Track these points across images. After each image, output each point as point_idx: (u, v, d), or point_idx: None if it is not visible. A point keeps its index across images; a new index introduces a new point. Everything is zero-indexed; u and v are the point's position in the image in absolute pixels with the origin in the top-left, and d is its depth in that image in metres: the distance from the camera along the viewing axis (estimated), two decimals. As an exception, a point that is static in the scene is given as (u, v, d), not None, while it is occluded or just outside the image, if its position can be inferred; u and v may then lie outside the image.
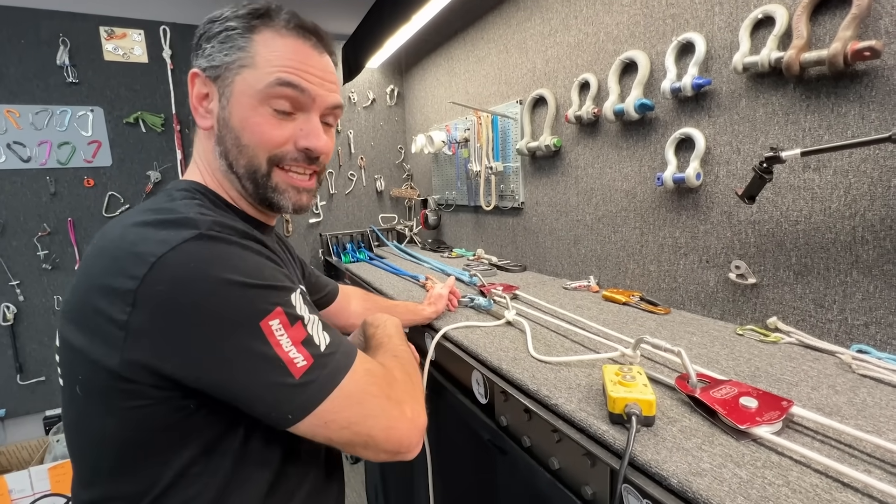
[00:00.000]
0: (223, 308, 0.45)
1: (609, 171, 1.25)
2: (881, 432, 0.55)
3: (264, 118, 0.56)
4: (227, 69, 0.56)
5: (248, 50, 0.56)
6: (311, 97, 0.58)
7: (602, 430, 0.59)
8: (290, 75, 0.56)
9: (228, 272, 0.46)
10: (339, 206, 2.53)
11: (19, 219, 1.99)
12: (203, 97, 0.58)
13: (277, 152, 0.58)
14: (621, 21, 1.16)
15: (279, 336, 0.47)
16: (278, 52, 0.57)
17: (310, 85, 0.58)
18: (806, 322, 0.86)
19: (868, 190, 0.75)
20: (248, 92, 0.56)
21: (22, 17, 1.92)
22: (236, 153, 0.57)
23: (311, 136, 0.59)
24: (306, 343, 0.48)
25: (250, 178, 0.58)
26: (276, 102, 0.56)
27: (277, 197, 0.60)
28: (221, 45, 0.57)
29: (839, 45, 0.73)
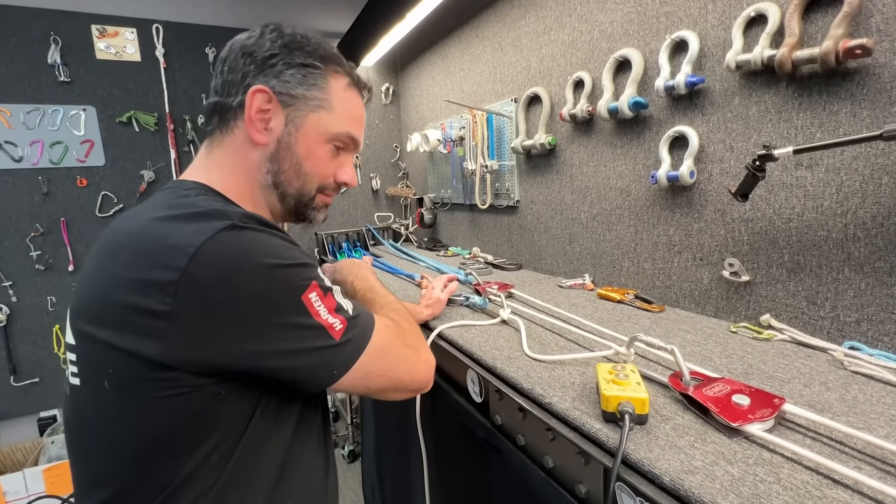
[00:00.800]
0: (268, 290, 0.50)
1: (603, 170, 1.25)
2: (872, 429, 0.55)
3: (326, 154, 0.66)
4: (305, 103, 0.63)
5: (327, 92, 0.64)
6: (358, 145, 0.71)
7: (595, 429, 0.59)
8: (356, 131, 0.68)
9: (266, 257, 0.51)
10: (334, 205, 2.52)
11: (11, 219, 1.97)
12: (262, 112, 0.62)
13: (324, 183, 0.69)
14: (615, 19, 1.16)
15: (318, 307, 0.53)
16: (350, 106, 0.67)
17: (361, 139, 0.70)
18: (798, 319, 0.87)
19: (860, 187, 0.76)
20: (319, 130, 0.65)
21: (12, 16, 1.90)
22: (292, 176, 0.65)
23: (349, 174, 0.71)
24: (339, 310, 0.56)
25: (297, 197, 0.67)
26: (337, 144, 0.67)
27: (314, 213, 0.70)
28: (303, 79, 0.63)
29: (831, 43, 0.73)
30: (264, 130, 0.63)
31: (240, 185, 0.64)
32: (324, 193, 0.70)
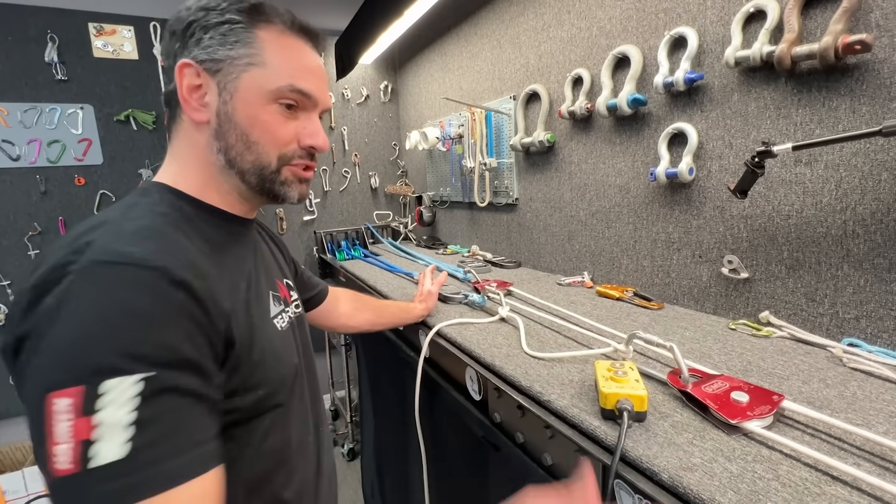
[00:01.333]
0: (46, 355, 0.40)
1: (602, 167, 1.25)
2: (871, 425, 0.55)
3: (273, 116, 0.57)
4: (232, 64, 0.55)
5: (254, 46, 0.55)
6: (315, 102, 0.60)
7: (594, 426, 0.59)
8: (303, 83, 0.57)
9: (74, 318, 0.40)
10: (333, 204, 2.52)
11: (9, 218, 1.97)
12: (195, 89, 0.56)
13: (285, 151, 0.59)
14: (614, 15, 1.16)
15: (58, 419, 0.37)
16: (288, 55, 0.57)
17: (316, 90, 0.59)
18: (797, 316, 0.86)
19: (859, 184, 0.76)
20: (256, 91, 0.55)
21: (9, 14, 1.89)
22: (242, 149, 0.57)
23: (314, 135, 0.60)
24: (84, 448, 0.37)
25: (257, 173, 0.58)
26: (283, 101, 0.57)
27: (285, 189, 0.60)
28: (223, 38, 0.55)
29: (830, 38, 0.73)
30: (201, 107, 0.56)
31: (196, 176, 0.58)
32: (291, 165, 0.60)
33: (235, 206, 0.61)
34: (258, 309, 0.58)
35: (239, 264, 0.58)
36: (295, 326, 0.67)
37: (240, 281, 0.56)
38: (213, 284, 0.48)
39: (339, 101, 2.45)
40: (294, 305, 0.70)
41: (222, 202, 0.60)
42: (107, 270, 0.42)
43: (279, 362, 0.58)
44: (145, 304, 0.42)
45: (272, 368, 0.56)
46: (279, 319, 0.62)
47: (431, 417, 1.07)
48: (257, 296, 0.59)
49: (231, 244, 0.59)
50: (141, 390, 0.39)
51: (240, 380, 0.51)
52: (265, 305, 0.61)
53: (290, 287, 0.72)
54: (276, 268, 0.72)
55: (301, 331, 0.69)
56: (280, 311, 0.64)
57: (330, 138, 2.45)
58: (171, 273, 0.43)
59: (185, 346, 0.43)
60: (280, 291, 0.67)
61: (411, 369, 1.06)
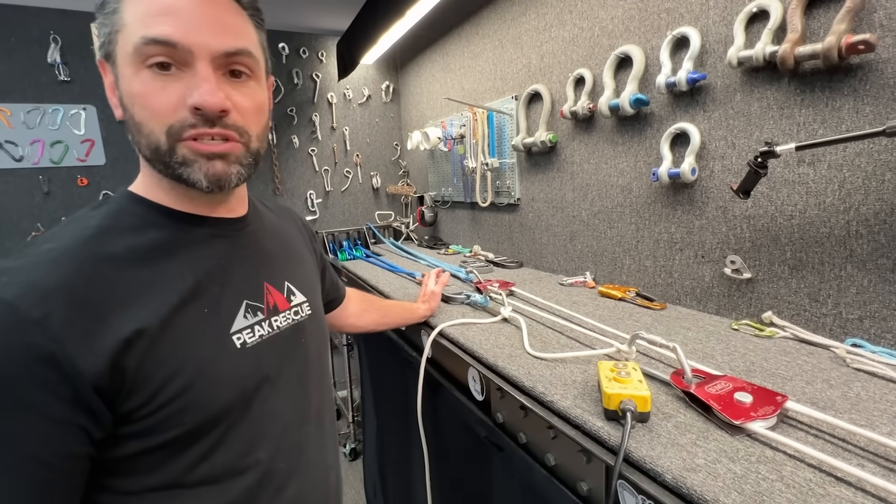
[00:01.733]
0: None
1: (605, 167, 1.25)
2: (875, 426, 0.55)
3: (146, 86, 0.46)
4: (110, 42, 0.48)
5: (119, 11, 0.47)
6: (188, 48, 0.46)
7: (597, 427, 0.59)
8: (156, 28, 0.45)
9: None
10: (335, 204, 2.52)
11: (12, 218, 1.97)
12: (113, 87, 0.50)
13: (172, 122, 0.47)
14: (616, 15, 1.16)
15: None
16: (142, 3, 0.46)
17: (183, 33, 0.46)
18: (800, 316, 0.86)
19: (862, 184, 0.75)
20: (125, 61, 0.47)
21: (11, 15, 1.90)
22: (136, 134, 0.49)
23: (195, 92, 0.47)
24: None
25: (157, 158, 0.49)
26: (150, 62, 0.46)
27: (187, 171, 0.49)
28: (105, 17, 0.48)
29: (833, 38, 0.73)
30: (117, 105, 0.51)
31: (143, 176, 0.54)
32: (185, 139, 0.48)
33: (186, 204, 0.54)
34: (205, 323, 0.51)
35: (181, 275, 0.51)
36: (283, 336, 0.60)
37: (173, 295, 0.49)
38: (113, 310, 0.44)
39: (340, 101, 2.45)
40: (292, 311, 0.63)
41: (172, 200, 0.54)
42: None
43: (222, 384, 0.50)
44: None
45: (207, 391, 0.49)
46: (246, 333, 0.55)
47: (434, 418, 1.07)
48: (212, 309, 0.52)
49: (180, 251, 0.52)
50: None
51: (152, 410, 0.45)
52: (221, 319, 0.53)
53: (291, 291, 0.65)
54: (278, 269, 0.64)
55: (293, 340, 0.62)
56: (252, 323, 0.56)
57: (331, 139, 2.46)
58: (29, 312, 0.40)
59: (18, 397, 0.39)
60: (265, 299, 0.59)
61: (413, 369, 1.06)
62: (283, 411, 0.58)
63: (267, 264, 0.63)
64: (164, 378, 0.46)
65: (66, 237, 0.47)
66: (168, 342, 0.47)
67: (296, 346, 0.63)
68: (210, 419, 0.49)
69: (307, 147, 2.40)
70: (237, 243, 0.59)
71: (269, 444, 0.56)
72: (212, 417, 0.50)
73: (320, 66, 2.39)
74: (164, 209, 0.53)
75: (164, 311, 0.47)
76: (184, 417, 0.47)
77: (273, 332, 0.58)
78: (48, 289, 0.42)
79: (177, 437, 0.47)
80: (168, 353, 0.47)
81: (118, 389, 0.43)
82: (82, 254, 0.46)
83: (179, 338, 0.48)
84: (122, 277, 0.46)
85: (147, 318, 0.46)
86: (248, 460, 0.53)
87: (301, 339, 0.64)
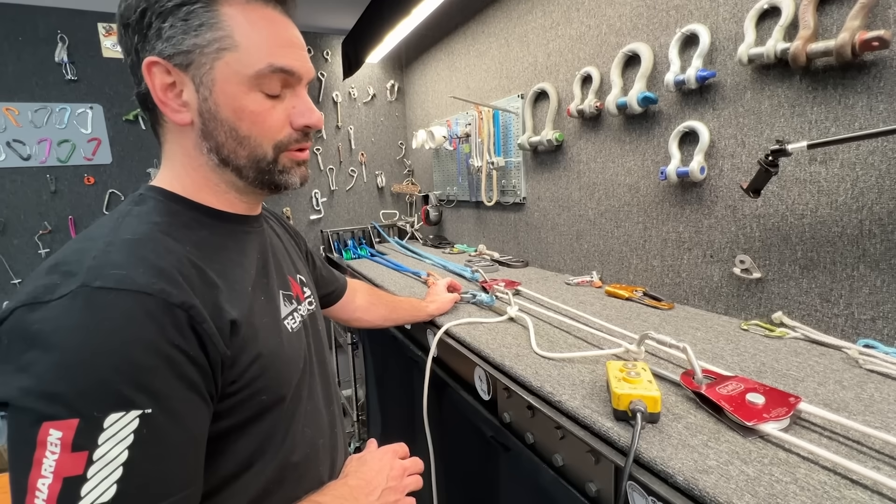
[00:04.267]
0: (32, 384, 0.37)
1: (612, 166, 1.24)
2: (889, 428, 0.54)
3: (259, 104, 0.51)
4: (202, 54, 0.49)
5: (221, 28, 0.49)
6: (300, 77, 0.54)
7: (606, 427, 0.58)
8: (283, 59, 0.51)
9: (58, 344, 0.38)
10: (340, 203, 2.52)
11: (20, 217, 1.98)
12: (169, 88, 0.51)
13: (281, 138, 0.54)
14: (624, 13, 1.15)
15: (48, 454, 0.36)
16: (259, 30, 0.50)
17: (297, 63, 0.53)
18: (812, 317, 0.85)
19: (876, 182, 0.74)
20: (235, 79, 0.50)
21: (20, 15, 1.91)
22: (234, 146, 0.52)
23: (306, 113, 0.55)
24: (69, 486, 0.35)
25: (254, 167, 0.54)
26: (267, 86, 0.51)
27: (286, 178, 0.56)
28: (185, 24, 0.48)
29: (847, 35, 0.72)
30: (181, 108, 0.51)
31: (189, 178, 0.55)
32: (287, 151, 0.55)
33: (235, 205, 0.58)
34: (267, 312, 0.56)
35: (243, 267, 0.55)
36: (307, 325, 0.65)
37: (245, 285, 0.54)
38: (214, 298, 0.47)
39: (345, 100, 2.45)
40: (307, 303, 0.68)
41: (220, 202, 0.56)
42: (101, 297, 0.39)
43: (287, 366, 0.56)
44: (144, 333, 0.40)
45: (279, 373, 0.54)
46: (290, 320, 0.60)
47: (439, 417, 1.07)
48: (267, 298, 0.57)
49: (233, 246, 0.56)
50: (136, 427, 0.38)
51: (241, 388, 0.49)
52: (275, 307, 0.58)
53: (303, 283, 0.70)
54: (290, 263, 0.69)
55: (314, 328, 0.68)
56: (292, 310, 0.61)
57: (336, 138, 2.46)
58: (170, 297, 0.42)
59: (183, 377, 0.42)
60: (292, 289, 0.65)
61: (419, 368, 1.06)
62: (318, 392, 0.64)
63: (283, 259, 0.68)
64: (248, 361, 0.49)
65: (139, 228, 0.47)
66: (250, 328, 0.50)
67: (316, 333, 0.68)
68: (279, 399, 0.54)
69: (312, 146, 2.40)
70: (263, 239, 0.63)
71: (312, 422, 0.61)
72: (280, 397, 0.54)
73: (325, 64, 2.39)
74: (207, 209, 0.56)
75: (245, 299, 0.52)
76: (260, 397, 0.51)
77: (302, 319, 0.63)
78: (171, 274, 0.44)
79: (249, 417, 0.51)
80: (250, 338, 0.50)
81: (223, 368, 0.47)
82: (170, 243, 0.47)
83: (256, 324, 0.52)
84: (206, 266, 0.49)
85: (236, 305, 0.49)
86: (299, 438, 0.57)
87: (317, 326, 0.70)
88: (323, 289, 0.90)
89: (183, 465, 0.42)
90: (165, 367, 0.41)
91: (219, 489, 0.49)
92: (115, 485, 0.36)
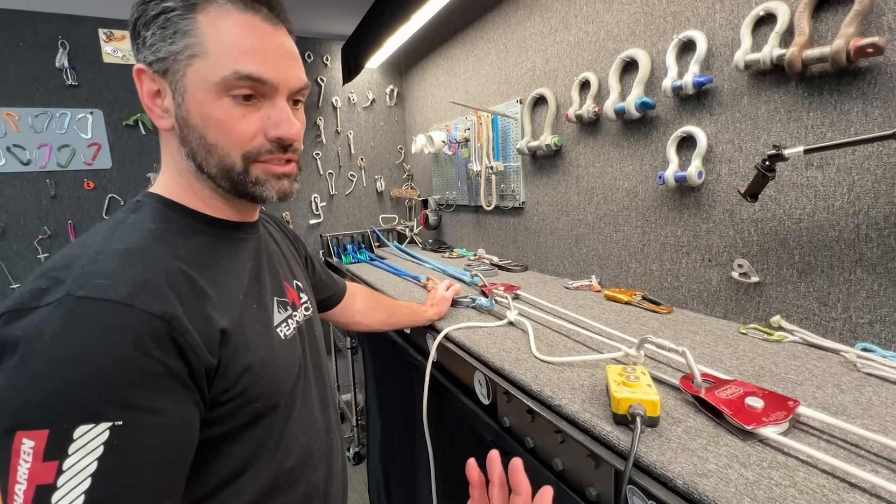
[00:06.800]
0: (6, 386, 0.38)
1: (610, 170, 1.25)
2: (888, 431, 0.55)
3: (227, 112, 0.50)
4: (176, 60, 0.49)
5: (194, 34, 0.49)
6: (274, 86, 0.51)
7: (606, 431, 0.58)
8: (249, 66, 0.49)
9: (44, 352, 0.38)
10: (339, 207, 2.52)
11: (20, 222, 1.98)
12: (155, 94, 0.52)
13: (250, 148, 0.52)
14: (622, 19, 1.16)
15: (21, 461, 0.36)
16: (230, 35, 0.49)
17: (271, 71, 0.51)
18: (810, 320, 0.86)
19: (872, 187, 0.75)
20: (202, 86, 0.49)
21: (20, 20, 1.92)
22: (204, 153, 0.52)
23: (281, 124, 0.52)
24: (41, 493, 0.36)
25: (225, 176, 0.53)
26: (235, 92, 0.50)
27: (259, 189, 0.54)
28: (163, 32, 0.49)
29: (842, 41, 0.72)
30: (164, 114, 0.52)
31: (179, 184, 0.55)
32: (260, 162, 0.53)
33: (225, 211, 0.58)
34: (259, 320, 0.55)
35: (236, 275, 0.55)
36: (303, 331, 0.65)
37: (237, 293, 0.53)
38: (202, 308, 0.47)
39: (345, 105, 2.46)
40: (304, 308, 0.68)
41: (209, 209, 0.56)
42: (82, 307, 0.39)
43: (280, 374, 0.55)
44: (120, 345, 0.39)
45: (271, 381, 0.53)
46: (284, 327, 0.60)
47: (439, 422, 1.07)
48: (259, 306, 0.57)
49: (227, 253, 0.56)
50: (106, 439, 0.38)
51: (234, 396, 0.49)
52: (267, 315, 0.58)
53: (300, 289, 0.70)
54: (286, 269, 0.69)
55: (310, 334, 0.68)
56: (286, 317, 0.61)
57: (336, 142, 2.47)
58: (149, 308, 0.41)
59: (159, 388, 0.41)
60: (288, 295, 0.65)
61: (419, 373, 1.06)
62: (313, 397, 0.64)
63: (279, 264, 0.68)
64: (240, 370, 0.49)
65: (131, 237, 0.48)
66: (241, 337, 0.51)
67: (312, 338, 0.68)
68: (272, 406, 0.54)
69: (311, 151, 2.41)
70: (258, 245, 0.63)
71: (307, 427, 0.61)
72: (274, 404, 0.54)
73: (325, 70, 2.40)
74: (201, 215, 0.56)
75: (236, 307, 0.52)
76: (253, 405, 0.51)
77: (297, 326, 0.64)
78: (155, 284, 0.44)
79: (242, 424, 0.51)
80: (241, 347, 0.50)
81: (212, 376, 0.47)
82: (160, 252, 0.47)
83: (247, 333, 0.52)
84: (198, 275, 0.49)
85: (226, 314, 0.50)
86: (293, 443, 0.57)
87: (314, 331, 0.70)
88: (322, 293, 0.90)
89: (157, 475, 0.41)
90: (140, 379, 0.40)
91: (213, 494, 0.49)
92: (83, 495, 0.37)
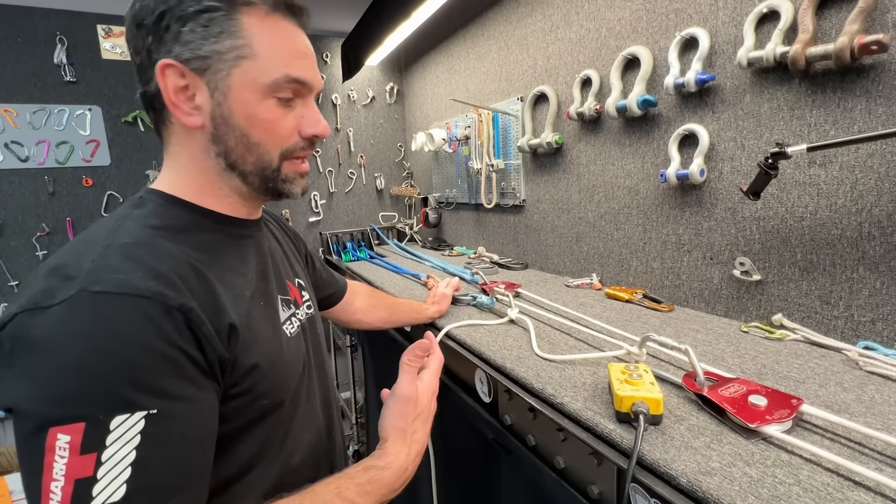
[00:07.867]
0: (33, 389, 0.38)
1: (611, 168, 1.24)
2: (891, 429, 0.55)
3: (272, 112, 0.53)
4: (221, 60, 0.50)
5: (240, 36, 0.50)
6: (311, 87, 0.55)
7: (609, 429, 0.58)
8: (297, 70, 0.53)
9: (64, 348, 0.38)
10: (339, 205, 2.52)
11: (18, 219, 1.97)
12: (181, 91, 0.51)
13: (288, 146, 0.55)
14: (623, 16, 1.15)
15: (57, 458, 0.36)
16: (277, 41, 0.52)
17: (312, 75, 0.55)
18: (812, 319, 0.86)
19: (875, 185, 0.75)
20: (251, 87, 0.51)
21: (19, 16, 1.91)
22: (243, 151, 0.53)
23: (315, 123, 0.56)
24: (81, 487, 0.36)
25: (259, 174, 0.55)
26: (281, 94, 0.53)
27: (288, 187, 0.57)
28: (206, 30, 0.49)
29: (846, 39, 0.72)
30: (193, 111, 0.51)
31: (193, 181, 0.55)
32: (292, 158, 0.56)
33: (237, 209, 0.58)
34: (266, 317, 0.56)
35: (242, 272, 0.56)
36: (306, 329, 0.65)
37: (244, 290, 0.54)
38: (213, 302, 0.47)
39: (344, 102, 2.46)
40: (306, 307, 0.68)
41: (222, 206, 0.57)
42: (100, 301, 0.40)
43: (286, 371, 0.56)
44: (144, 336, 0.40)
45: (278, 378, 0.54)
46: (288, 325, 0.60)
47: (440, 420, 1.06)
48: (266, 303, 0.57)
49: (233, 250, 0.56)
50: (143, 428, 0.39)
51: (242, 392, 0.49)
52: (274, 312, 0.58)
53: (301, 287, 0.70)
54: (288, 267, 0.70)
55: (313, 332, 0.68)
56: (290, 315, 0.62)
57: (335, 140, 2.46)
58: (167, 300, 0.42)
59: (185, 377, 0.42)
60: (291, 294, 0.65)
61: (420, 371, 1.05)
62: (316, 395, 0.64)
63: (282, 262, 0.68)
64: (248, 366, 0.50)
65: (138, 232, 0.47)
66: (249, 333, 0.51)
67: (315, 337, 0.68)
68: (278, 403, 0.54)
69: (311, 148, 2.40)
70: (262, 243, 0.64)
71: (311, 425, 0.61)
72: (279, 402, 0.54)
73: (325, 67, 2.40)
74: (207, 212, 0.56)
75: (244, 304, 0.52)
76: (261, 401, 0.52)
77: (300, 324, 0.64)
78: (169, 278, 0.44)
79: (250, 420, 0.51)
80: (250, 343, 0.50)
81: (224, 371, 0.47)
82: (169, 247, 0.48)
83: (255, 329, 0.52)
84: (206, 270, 0.49)
85: (235, 310, 0.50)
86: (298, 441, 0.58)
87: (316, 329, 0.70)
88: (322, 291, 0.90)
89: (191, 461, 0.42)
90: (167, 368, 0.41)
91: (221, 492, 0.49)
92: (124, 484, 0.37)
